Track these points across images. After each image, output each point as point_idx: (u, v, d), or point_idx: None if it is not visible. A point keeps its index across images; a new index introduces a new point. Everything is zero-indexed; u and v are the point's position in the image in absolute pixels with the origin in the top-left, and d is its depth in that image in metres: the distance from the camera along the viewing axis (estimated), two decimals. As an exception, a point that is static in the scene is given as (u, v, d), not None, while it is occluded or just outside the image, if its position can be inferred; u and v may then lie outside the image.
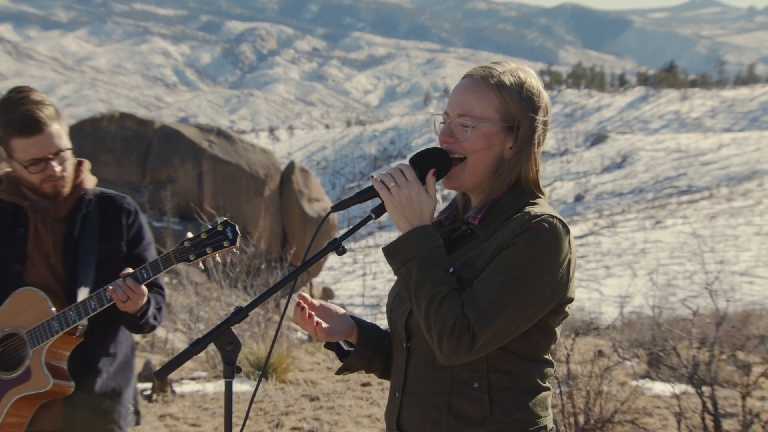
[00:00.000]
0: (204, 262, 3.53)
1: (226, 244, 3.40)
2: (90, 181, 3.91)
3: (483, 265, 2.61)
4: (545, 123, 2.75)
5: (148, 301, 3.67)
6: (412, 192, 2.64)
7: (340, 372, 2.96)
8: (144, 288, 3.55)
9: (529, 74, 2.76)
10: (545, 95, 2.76)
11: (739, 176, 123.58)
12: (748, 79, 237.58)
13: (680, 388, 7.27)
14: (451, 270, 2.65)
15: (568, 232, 2.62)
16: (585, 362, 7.48)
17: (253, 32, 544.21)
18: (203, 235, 3.43)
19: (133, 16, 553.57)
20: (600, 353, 8.92)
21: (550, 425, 2.71)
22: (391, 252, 2.65)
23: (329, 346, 2.94)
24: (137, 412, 3.96)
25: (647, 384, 9.63)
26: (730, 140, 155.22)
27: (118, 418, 3.85)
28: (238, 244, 3.41)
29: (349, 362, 2.90)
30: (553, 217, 2.61)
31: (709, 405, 6.75)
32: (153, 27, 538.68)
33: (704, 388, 6.82)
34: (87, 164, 3.95)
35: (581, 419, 7.00)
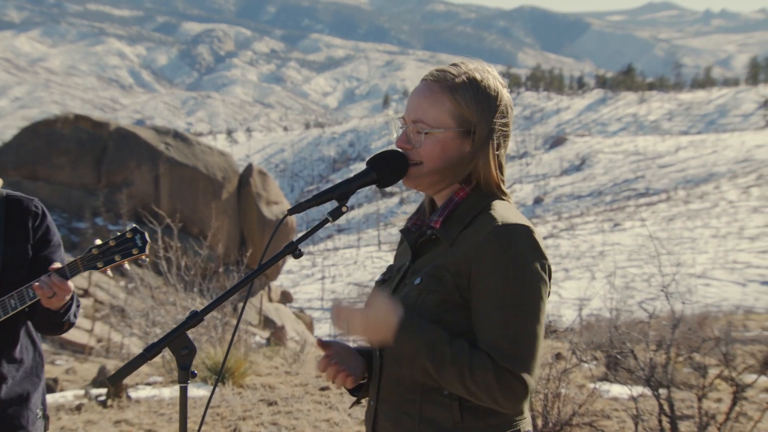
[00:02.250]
0: (121, 268, 3.51)
1: (135, 251, 3.40)
2: None
3: (451, 278, 2.58)
4: (505, 125, 2.69)
5: (72, 298, 3.64)
6: (364, 323, 2.56)
7: (354, 405, 2.95)
8: (70, 284, 3.51)
9: (488, 75, 2.70)
10: (505, 96, 2.71)
11: (696, 179, 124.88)
12: (704, 82, 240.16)
13: (637, 390, 7.30)
14: (418, 280, 2.63)
15: (531, 231, 2.58)
16: (543, 365, 7.47)
17: (210, 33, 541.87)
18: (111, 243, 3.42)
19: (88, 17, 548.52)
20: (558, 356, 8.93)
21: (526, 428, 2.66)
22: (396, 362, 2.62)
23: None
24: (46, 417, 3.88)
25: (605, 386, 9.66)
26: (687, 143, 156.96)
27: (26, 423, 3.76)
28: (147, 252, 3.40)
29: (362, 395, 2.87)
30: (514, 225, 2.58)
31: (666, 407, 6.78)
32: (108, 28, 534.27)
33: (661, 391, 6.85)
34: None
35: (539, 422, 7.00)
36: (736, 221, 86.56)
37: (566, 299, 47.06)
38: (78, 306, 3.77)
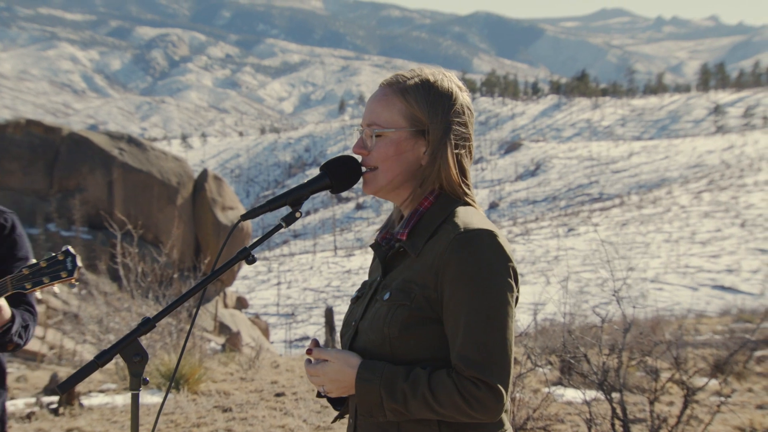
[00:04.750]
0: (50, 290, 3.43)
1: (63, 274, 3.29)
2: None
3: (420, 291, 2.56)
4: (462, 124, 2.68)
5: (13, 319, 3.51)
6: (333, 379, 2.60)
7: (337, 419, 2.90)
8: (2, 304, 3.40)
9: (442, 77, 2.70)
10: (461, 96, 2.70)
11: (649, 184, 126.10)
12: (656, 88, 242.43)
13: (591, 394, 7.34)
14: (387, 295, 2.61)
15: (494, 235, 2.56)
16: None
17: (164, 38, 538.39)
18: (42, 264, 3.31)
19: (39, 21, 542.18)
20: (514, 360, 8.99)
21: None
22: (368, 413, 2.60)
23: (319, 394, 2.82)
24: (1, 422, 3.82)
25: (559, 391, 9.73)
26: (640, 148, 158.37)
27: None
28: (76, 275, 3.30)
29: (345, 411, 2.84)
30: (477, 230, 2.56)
31: (619, 411, 6.83)
32: (60, 32, 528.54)
33: (614, 395, 6.90)
34: None
35: (494, 427, 7.01)
36: (688, 226, 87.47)
37: (521, 304, 47.07)
38: (26, 327, 3.64)
